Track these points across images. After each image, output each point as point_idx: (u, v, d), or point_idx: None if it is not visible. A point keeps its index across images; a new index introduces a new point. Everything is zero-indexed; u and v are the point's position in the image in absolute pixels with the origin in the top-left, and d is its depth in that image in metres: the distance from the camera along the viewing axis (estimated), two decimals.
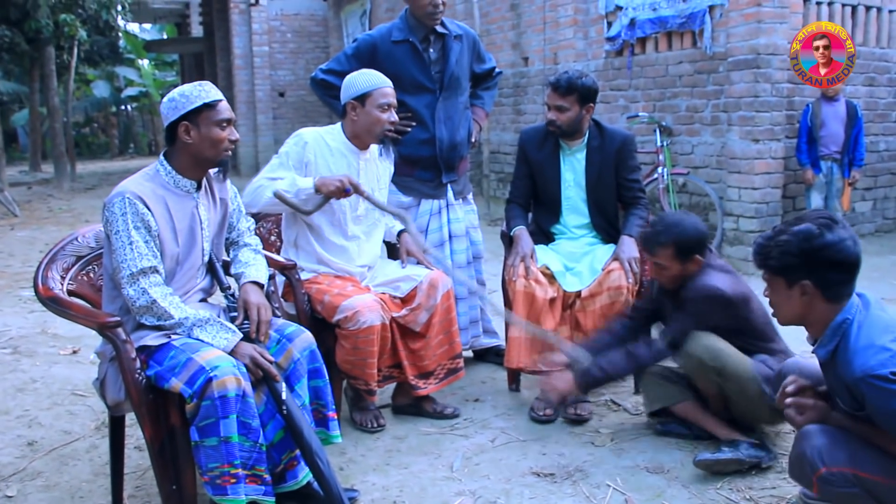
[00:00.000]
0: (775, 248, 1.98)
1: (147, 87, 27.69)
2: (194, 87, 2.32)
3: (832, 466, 1.92)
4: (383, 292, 3.04)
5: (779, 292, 2.02)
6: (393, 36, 3.45)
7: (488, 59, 3.79)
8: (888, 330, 1.89)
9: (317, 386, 2.45)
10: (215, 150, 2.33)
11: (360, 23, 13.52)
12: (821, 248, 1.91)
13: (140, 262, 2.19)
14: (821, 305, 1.96)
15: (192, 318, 2.23)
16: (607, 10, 7.14)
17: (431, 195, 3.54)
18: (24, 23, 12.85)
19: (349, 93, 3.00)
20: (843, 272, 1.93)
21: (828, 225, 1.93)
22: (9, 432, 3.19)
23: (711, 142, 6.15)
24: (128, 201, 2.21)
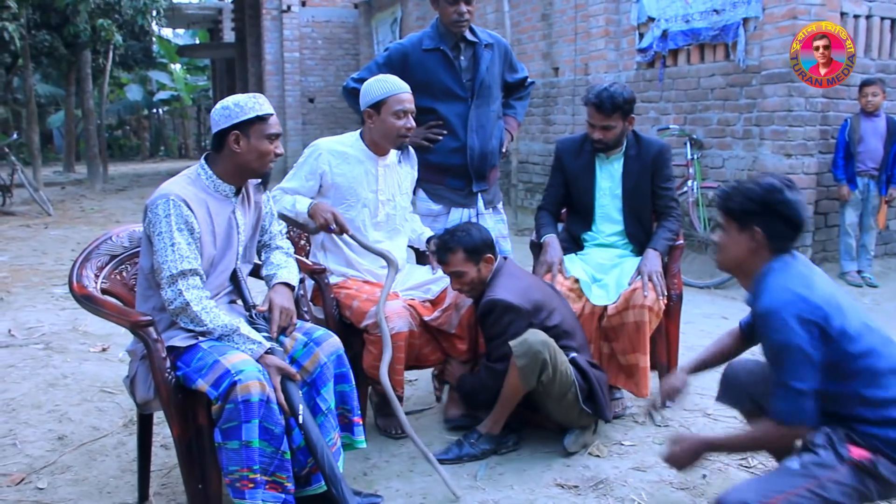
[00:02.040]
0: (740, 193, 2.14)
1: (178, 91, 28.06)
2: (249, 99, 2.36)
3: None
4: (413, 297, 3.05)
5: (730, 234, 2.17)
6: (424, 44, 3.46)
7: (520, 68, 3.78)
8: (803, 280, 2.02)
9: (343, 391, 2.46)
10: (261, 161, 2.37)
11: (390, 30, 13.60)
12: (780, 202, 2.08)
13: (181, 265, 2.21)
14: (762, 253, 2.12)
15: (219, 329, 2.24)
16: (639, 22, 7.12)
17: (462, 204, 3.54)
18: (64, 28, 13.10)
19: (365, 100, 3.02)
20: (791, 229, 2.10)
21: (789, 186, 2.11)
22: (41, 426, 3.24)
23: (743, 156, 6.09)
24: (172, 203, 2.24)
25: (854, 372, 1.95)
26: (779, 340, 1.95)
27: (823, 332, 1.94)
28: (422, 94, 3.41)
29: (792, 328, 1.93)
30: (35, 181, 11.89)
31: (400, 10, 13.11)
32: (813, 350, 1.93)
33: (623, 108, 3.21)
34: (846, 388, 1.96)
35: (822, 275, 2.10)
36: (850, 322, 1.97)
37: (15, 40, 10.07)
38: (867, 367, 1.95)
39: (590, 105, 3.25)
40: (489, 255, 2.95)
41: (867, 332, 1.99)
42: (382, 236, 3.12)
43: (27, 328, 4.75)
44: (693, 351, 4.22)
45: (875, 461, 1.90)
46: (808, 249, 5.68)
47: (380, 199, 3.07)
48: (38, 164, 12.98)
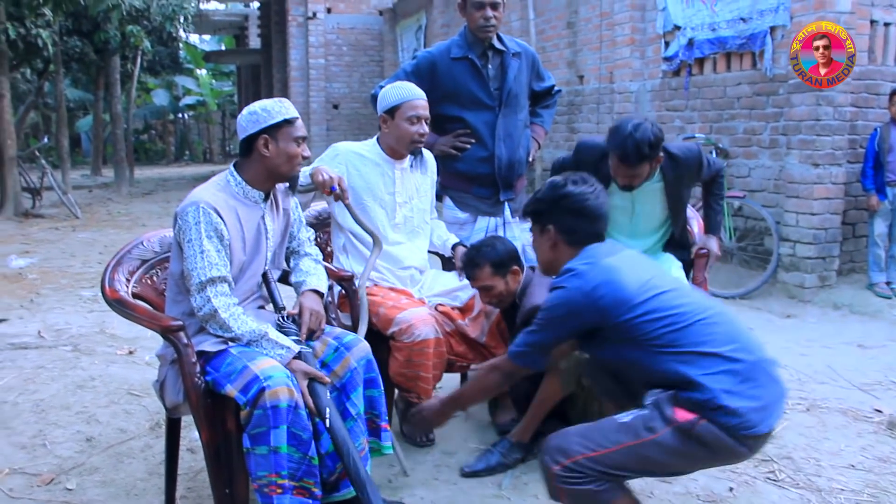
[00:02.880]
0: (532, 197, 2.30)
1: (204, 96, 28.37)
2: (275, 103, 2.40)
3: (564, 462, 1.93)
4: (441, 303, 3.06)
5: (536, 239, 2.30)
6: (452, 52, 3.47)
7: (547, 77, 3.78)
8: (586, 255, 2.13)
9: (372, 396, 2.48)
10: (290, 164, 2.40)
11: (415, 37, 13.67)
12: (563, 196, 2.20)
13: (210, 272, 2.24)
14: (565, 249, 2.20)
15: (247, 335, 2.26)
16: (665, 30, 7.09)
17: (489, 212, 3.54)
18: (94, 34, 13.33)
19: (381, 106, 3.06)
20: (582, 219, 2.18)
21: (575, 181, 2.22)
22: (70, 427, 3.29)
23: (769, 165, 6.04)
24: (202, 210, 2.26)
25: (663, 345, 1.97)
26: (552, 299, 2.09)
27: (597, 305, 2.00)
28: (450, 102, 3.45)
29: (569, 297, 2.04)
30: (64, 184, 12.08)
31: (424, 17, 13.17)
32: (570, 319, 2.05)
33: (650, 156, 2.88)
34: (662, 364, 1.96)
35: (631, 257, 2.15)
36: (645, 297, 1.99)
37: (48, 47, 10.24)
38: (672, 340, 1.96)
39: (613, 155, 2.94)
40: (516, 268, 2.94)
41: (677, 307, 1.99)
42: (402, 237, 3.13)
43: (56, 330, 4.82)
44: None
45: (695, 422, 1.87)
46: (836, 260, 5.62)
47: (397, 200, 3.09)
48: (66, 167, 13.19)
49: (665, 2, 7.03)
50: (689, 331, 1.96)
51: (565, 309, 2.06)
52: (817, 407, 3.52)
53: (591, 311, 2.02)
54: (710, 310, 2.02)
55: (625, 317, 1.99)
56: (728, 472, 2.83)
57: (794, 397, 3.64)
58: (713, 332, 1.96)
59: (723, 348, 1.92)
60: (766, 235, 6.05)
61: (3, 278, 6.50)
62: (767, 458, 2.97)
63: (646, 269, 2.11)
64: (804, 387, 3.81)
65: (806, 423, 3.34)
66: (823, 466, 2.90)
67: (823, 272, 5.57)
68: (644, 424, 1.92)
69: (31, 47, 10.44)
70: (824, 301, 5.42)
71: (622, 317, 1.99)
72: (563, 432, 2.01)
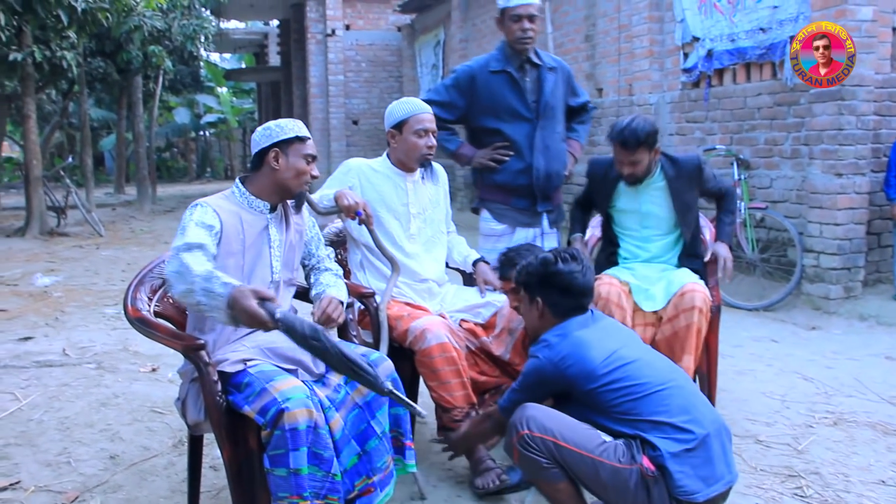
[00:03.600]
0: (524, 268, 2.48)
1: (225, 114, 28.67)
2: (289, 122, 2.48)
3: (535, 432, 2.14)
4: (465, 318, 3.05)
5: (524, 305, 2.49)
6: (490, 66, 3.54)
7: (581, 93, 3.85)
8: (561, 328, 2.33)
9: (397, 414, 2.47)
10: (297, 180, 2.46)
11: (433, 53, 13.74)
12: (552, 274, 2.38)
13: (187, 239, 2.22)
14: (550, 320, 2.39)
15: (201, 274, 2.10)
16: (684, 42, 7.07)
17: (527, 223, 3.62)
18: (117, 55, 13.53)
19: (388, 122, 3.10)
20: (568, 296, 2.37)
21: (565, 258, 2.39)
22: (93, 444, 3.31)
23: (791, 175, 5.99)
24: (199, 206, 2.35)
25: (622, 412, 2.17)
26: (527, 366, 2.32)
27: (564, 375, 2.22)
28: (488, 115, 3.54)
29: (539, 366, 2.27)
30: (88, 203, 12.23)
31: (443, 32, 13.23)
32: (542, 385, 2.28)
33: (647, 142, 3.17)
34: (621, 427, 2.17)
35: (604, 328, 2.35)
36: (608, 368, 2.19)
37: (72, 68, 10.40)
38: (631, 409, 2.16)
39: (615, 143, 3.23)
40: None
41: (637, 377, 2.18)
42: (418, 248, 3.13)
43: (80, 347, 4.87)
44: (743, 375, 4.15)
45: (655, 479, 2.07)
46: (861, 271, 5.54)
47: (411, 211, 3.11)
48: (90, 186, 13.36)
49: (683, 13, 7.01)
50: (646, 400, 2.16)
51: (536, 377, 2.28)
52: (845, 421, 3.46)
53: (560, 380, 2.24)
54: (669, 382, 2.20)
55: (590, 386, 2.19)
56: (754, 489, 2.79)
57: (821, 411, 3.59)
58: (668, 403, 2.16)
59: (675, 419, 2.12)
60: (788, 246, 5.98)
61: (29, 296, 6.58)
62: (795, 473, 2.92)
63: (616, 339, 2.30)
64: (831, 400, 3.75)
65: (834, 437, 3.28)
66: (852, 482, 2.85)
67: (848, 283, 5.49)
68: (615, 451, 2.12)
69: (56, 69, 10.61)
70: (850, 312, 5.34)
71: (587, 386, 2.19)
72: (547, 410, 2.22)
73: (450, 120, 3.62)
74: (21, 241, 10.12)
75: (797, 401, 3.74)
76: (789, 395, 3.84)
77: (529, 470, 2.19)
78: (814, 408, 3.64)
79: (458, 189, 12.12)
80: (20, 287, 7.03)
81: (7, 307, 6.16)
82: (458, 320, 3.05)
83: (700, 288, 3.17)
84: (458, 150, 3.68)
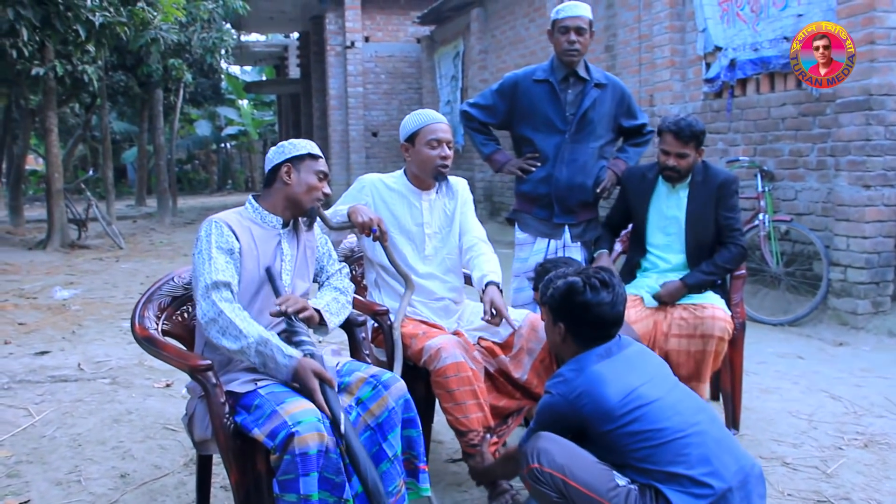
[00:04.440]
0: (550, 287, 2.27)
1: (245, 126, 28.88)
2: (303, 141, 2.53)
3: (545, 467, 2.02)
4: (483, 337, 2.97)
5: (548, 324, 2.32)
6: (536, 75, 3.58)
7: (640, 115, 3.78)
8: (578, 361, 2.15)
9: (410, 436, 2.40)
10: (309, 195, 2.46)
11: (452, 64, 13.72)
12: (578, 305, 2.17)
13: (216, 276, 2.25)
14: (572, 346, 2.22)
15: (254, 337, 2.20)
16: (706, 51, 6.96)
17: (547, 234, 3.60)
18: (138, 68, 13.65)
19: (402, 135, 3.06)
20: (594, 328, 2.19)
21: (594, 286, 2.17)
22: (104, 462, 3.26)
23: (817, 187, 5.86)
24: (214, 224, 2.33)
25: (639, 458, 2.02)
26: (541, 403, 2.18)
27: (580, 414, 2.07)
28: (523, 123, 3.60)
29: (553, 403, 2.13)
30: (108, 215, 12.30)
31: (462, 43, 13.21)
32: (557, 423, 2.12)
33: (698, 138, 3.25)
34: (637, 475, 2.03)
35: (627, 359, 2.16)
36: (627, 408, 2.03)
37: (93, 82, 10.50)
38: (648, 455, 2.01)
39: (667, 132, 3.27)
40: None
41: (657, 421, 2.02)
42: (434, 269, 3.05)
43: (95, 362, 4.84)
44: (769, 394, 4.03)
45: None
46: (890, 285, 5.39)
47: (426, 232, 3.03)
48: (111, 198, 13.46)
49: (705, 22, 6.91)
50: (664, 448, 2.00)
51: (550, 415, 2.14)
52: (876, 443, 3.34)
53: (575, 418, 2.10)
54: (691, 427, 2.04)
55: (605, 427, 2.04)
56: None
57: (851, 432, 3.47)
58: (688, 453, 1.99)
59: (694, 471, 1.97)
60: (814, 260, 5.85)
61: (47, 310, 6.59)
62: (824, 498, 2.81)
63: (639, 373, 2.13)
64: (861, 420, 3.62)
65: (864, 460, 3.16)
66: None
67: (877, 297, 5.35)
68: (627, 497, 1.98)
69: (78, 83, 10.71)
70: (878, 328, 5.20)
71: (603, 426, 2.04)
72: (562, 443, 2.07)
73: (491, 124, 3.72)
74: (42, 254, 10.18)
75: (825, 421, 3.62)
76: (817, 414, 3.72)
77: (540, 501, 2.09)
78: (843, 429, 3.52)
79: (478, 201, 12.01)
80: (39, 300, 7.04)
81: (26, 320, 6.17)
82: (475, 338, 2.97)
83: (721, 314, 3.10)
84: (492, 155, 3.74)
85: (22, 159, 14.04)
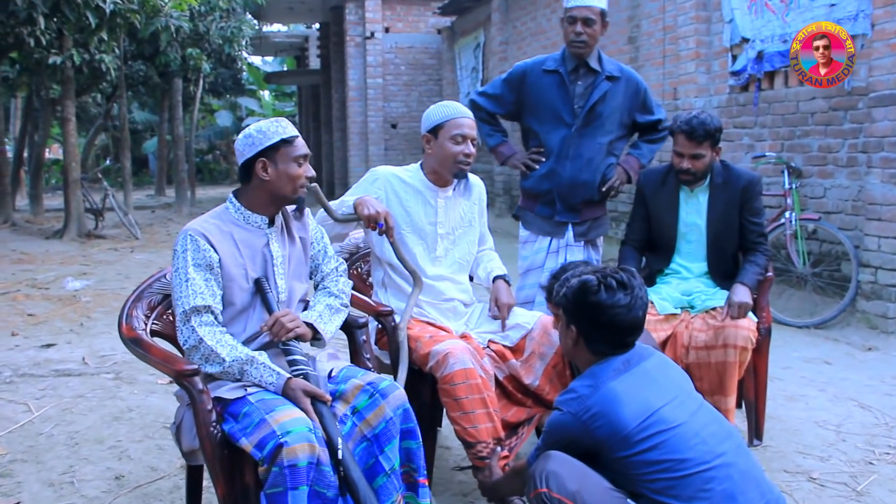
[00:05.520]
0: (562, 286, 2.08)
1: (266, 116, 28.80)
2: (271, 123, 2.27)
3: (554, 492, 1.84)
4: (493, 340, 2.82)
5: (560, 325, 2.12)
6: (546, 65, 3.43)
7: (657, 110, 3.58)
8: (593, 375, 1.95)
9: (409, 448, 2.25)
10: (292, 185, 2.27)
11: (473, 55, 13.54)
12: (592, 305, 1.97)
13: (193, 300, 2.11)
14: (584, 352, 2.03)
15: (237, 362, 2.10)
16: (732, 43, 6.73)
17: (549, 232, 3.43)
18: (156, 58, 13.61)
19: (424, 125, 2.88)
20: (608, 333, 1.97)
21: (610, 286, 1.96)
22: (100, 463, 3.16)
23: (847, 185, 5.63)
24: (189, 238, 2.17)
25: (657, 490, 1.83)
26: (551, 420, 1.98)
27: (592, 436, 1.88)
28: (530, 114, 3.46)
29: (564, 422, 1.93)
30: (125, 205, 12.29)
31: (483, 34, 13.03)
32: (567, 445, 1.92)
33: (714, 137, 3.08)
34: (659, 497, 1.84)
35: (646, 374, 1.96)
36: (646, 433, 1.84)
37: (111, 71, 10.45)
38: (667, 487, 1.82)
39: (679, 133, 3.10)
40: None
41: (679, 451, 1.83)
42: (444, 271, 2.89)
43: (100, 356, 4.75)
44: (794, 402, 3.85)
45: None
46: None
47: (439, 232, 2.87)
48: (129, 188, 13.46)
49: (732, 13, 6.68)
50: (686, 482, 1.80)
51: (560, 435, 1.95)
52: None
53: (586, 441, 1.91)
54: (716, 459, 1.84)
55: (620, 453, 1.85)
56: None
57: (882, 445, 3.28)
58: (711, 489, 1.80)
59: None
60: (843, 260, 5.62)
61: (58, 300, 6.54)
62: None
63: (661, 391, 1.92)
64: (893, 433, 3.43)
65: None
66: None
67: None
68: None
69: (96, 72, 10.65)
70: None
71: (617, 452, 1.85)
72: (573, 465, 1.89)
73: (499, 114, 3.58)
74: (59, 244, 10.17)
75: (854, 432, 3.43)
76: (845, 425, 3.53)
77: None
78: (873, 441, 3.33)
79: (496, 195, 11.89)
80: (51, 291, 7.00)
81: (35, 311, 6.11)
82: (485, 341, 2.82)
83: (745, 322, 2.93)
84: (497, 147, 3.60)
85: (42, 148, 14.07)
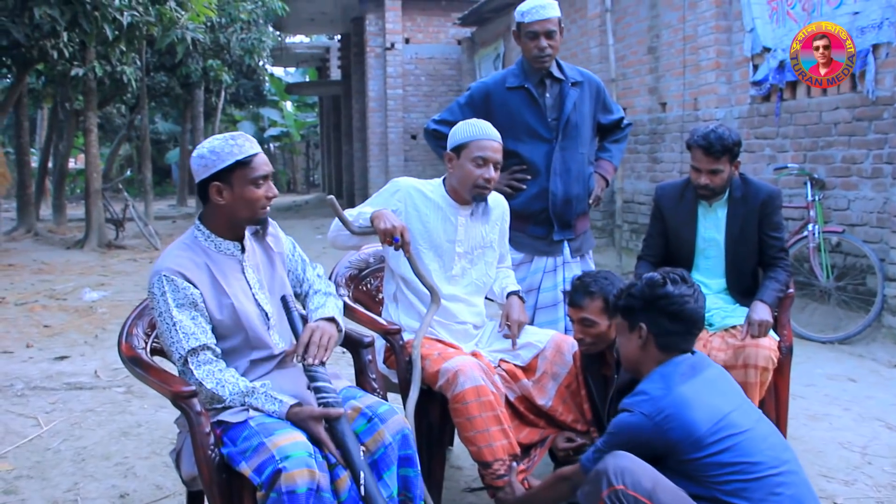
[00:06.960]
0: (625, 290, 2.19)
1: (288, 127, 29.03)
2: (225, 142, 2.10)
3: (630, 489, 1.85)
4: (504, 359, 2.75)
5: (623, 334, 2.19)
6: (508, 82, 3.25)
7: (615, 109, 3.49)
8: (663, 378, 2.01)
9: (406, 475, 2.17)
10: (250, 210, 2.14)
11: (493, 66, 13.50)
12: (661, 297, 2.08)
13: (187, 343, 2.03)
14: (654, 353, 2.10)
15: (238, 397, 2.04)
16: (753, 52, 6.62)
17: (545, 252, 3.27)
18: (178, 69, 13.72)
19: (449, 143, 2.78)
20: (678, 323, 2.07)
21: (675, 280, 2.10)
22: (105, 480, 3.13)
23: (872, 196, 5.50)
24: (166, 280, 2.06)
25: (730, 492, 1.86)
26: (618, 421, 2.01)
27: (665, 437, 1.91)
28: (505, 135, 3.14)
29: (635, 423, 1.95)
30: (146, 216, 12.36)
31: (503, 45, 12.99)
32: (636, 447, 1.93)
33: (732, 151, 2.99)
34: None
35: (710, 381, 2.03)
36: (717, 436, 1.88)
37: (132, 82, 10.53)
38: (740, 490, 1.86)
39: (696, 148, 3.02)
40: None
41: (750, 454, 1.88)
42: (459, 291, 2.81)
43: (113, 369, 4.73)
44: (817, 421, 3.73)
45: None
46: None
47: (457, 250, 2.79)
48: (149, 198, 13.53)
49: (753, 22, 6.58)
50: (760, 484, 1.85)
51: (630, 435, 1.96)
52: None
53: (658, 443, 1.93)
54: (783, 465, 1.91)
55: (692, 455, 1.88)
56: None
57: None
58: (781, 492, 1.86)
59: None
60: (868, 274, 5.48)
61: (74, 312, 6.55)
62: None
63: (727, 398, 2.00)
64: None
65: None
66: None
67: None
68: None
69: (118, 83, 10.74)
70: None
71: (690, 454, 1.88)
72: (644, 466, 1.90)
73: None
74: (79, 254, 10.24)
75: (881, 455, 3.31)
76: (871, 447, 3.41)
77: None
78: None
79: None
80: (68, 301, 7.02)
81: (52, 322, 6.13)
82: (496, 360, 2.75)
83: (766, 342, 2.82)
84: None
85: (66, 159, 14.22)
